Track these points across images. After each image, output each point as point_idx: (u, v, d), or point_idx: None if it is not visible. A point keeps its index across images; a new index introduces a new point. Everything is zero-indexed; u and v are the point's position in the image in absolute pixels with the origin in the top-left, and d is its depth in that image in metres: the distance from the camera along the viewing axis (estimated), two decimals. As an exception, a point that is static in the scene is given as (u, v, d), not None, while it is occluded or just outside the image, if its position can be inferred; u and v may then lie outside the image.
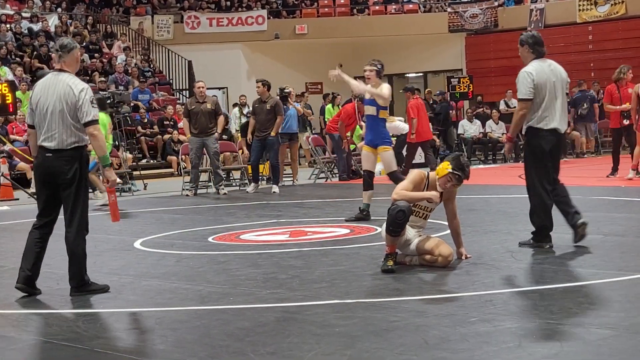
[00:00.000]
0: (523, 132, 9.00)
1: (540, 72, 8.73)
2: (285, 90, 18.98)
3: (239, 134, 22.29)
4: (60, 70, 7.47)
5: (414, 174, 7.91)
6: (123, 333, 5.97)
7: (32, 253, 7.45)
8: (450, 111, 27.14)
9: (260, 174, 18.22)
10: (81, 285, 7.41)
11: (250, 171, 18.36)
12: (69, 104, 7.28)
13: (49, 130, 7.33)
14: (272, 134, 17.25)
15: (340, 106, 24.00)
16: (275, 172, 17.59)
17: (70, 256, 7.40)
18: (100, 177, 14.61)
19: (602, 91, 26.15)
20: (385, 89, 11.38)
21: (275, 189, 17.28)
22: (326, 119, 24.76)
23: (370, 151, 11.65)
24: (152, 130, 25.02)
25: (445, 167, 7.78)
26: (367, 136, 11.80)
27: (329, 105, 25.75)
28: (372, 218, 11.35)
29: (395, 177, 11.33)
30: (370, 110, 11.68)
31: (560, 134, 8.85)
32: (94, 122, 7.32)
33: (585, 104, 25.33)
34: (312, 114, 25.89)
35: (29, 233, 7.54)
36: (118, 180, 7.67)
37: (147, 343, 5.65)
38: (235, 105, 26.83)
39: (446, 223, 8.33)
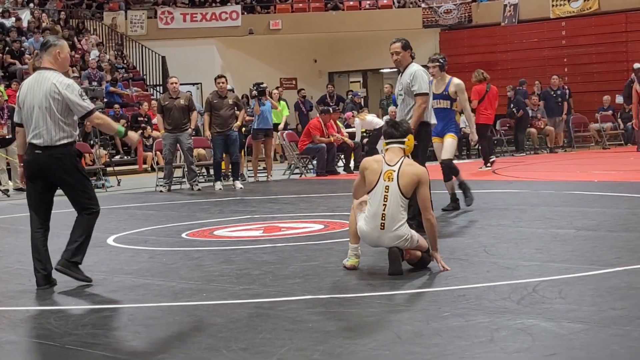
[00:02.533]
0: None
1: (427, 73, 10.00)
2: (262, 86, 18.98)
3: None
4: (43, 68, 7.56)
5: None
6: (95, 330, 5.94)
7: (40, 253, 7.55)
8: None
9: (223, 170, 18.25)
10: (74, 264, 7.53)
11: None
12: (57, 100, 7.37)
13: (36, 128, 7.41)
14: (238, 124, 17.39)
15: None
16: (235, 168, 17.64)
17: (81, 234, 7.54)
18: None
19: (566, 87, 26.31)
20: (458, 88, 11.70)
21: (238, 184, 17.35)
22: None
23: (440, 141, 11.80)
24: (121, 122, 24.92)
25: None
26: (437, 127, 11.75)
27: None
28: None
29: (448, 166, 11.70)
30: (443, 104, 11.80)
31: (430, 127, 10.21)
32: (92, 112, 7.50)
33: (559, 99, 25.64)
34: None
35: (31, 235, 7.64)
36: (136, 136, 8.07)
37: (119, 339, 5.63)
38: None
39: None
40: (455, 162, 12.10)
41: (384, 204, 7.34)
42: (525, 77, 27.82)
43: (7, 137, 18.08)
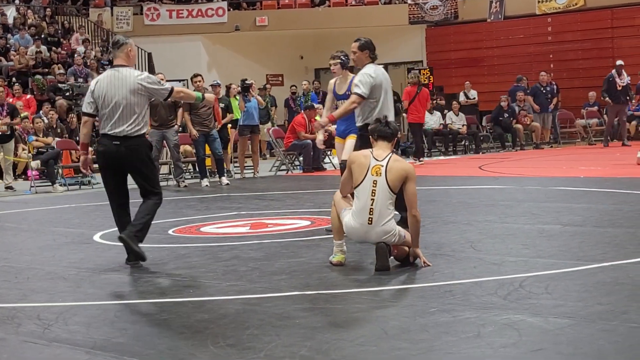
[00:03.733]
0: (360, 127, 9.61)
1: (378, 74, 9.48)
2: (247, 82, 18.98)
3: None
4: (118, 65, 8.33)
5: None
6: (82, 326, 5.92)
7: (124, 224, 8.31)
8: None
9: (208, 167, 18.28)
10: (137, 238, 8.15)
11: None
12: (140, 96, 8.18)
13: (118, 120, 8.14)
14: (219, 124, 17.45)
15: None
16: (220, 164, 17.66)
17: (147, 213, 8.26)
18: None
19: (554, 82, 26.42)
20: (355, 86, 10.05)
21: (225, 180, 17.38)
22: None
23: (342, 142, 11.24)
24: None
25: None
26: (340, 127, 10.86)
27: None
28: None
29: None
30: None
31: None
32: (172, 89, 8.43)
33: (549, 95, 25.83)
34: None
35: (112, 210, 8.47)
36: (212, 96, 9.65)
37: (106, 336, 5.62)
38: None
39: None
40: (443, 158, 12.05)
41: (372, 199, 7.35)
42: (512, 73, 27.88)
43: (7, 133, 18.13)
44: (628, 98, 24.07)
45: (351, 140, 10.71)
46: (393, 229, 7.40)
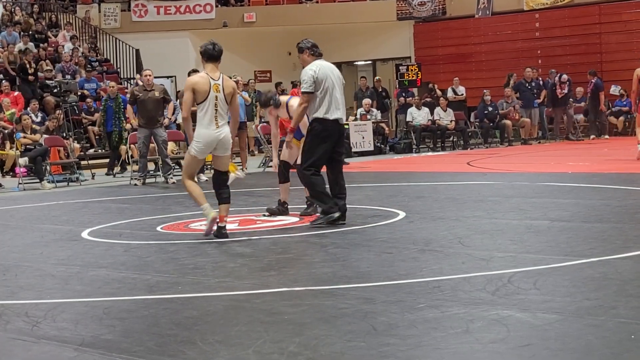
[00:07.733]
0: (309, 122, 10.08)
1: (322, 68, 9.99)
2: (233, 80, 18.96)
3: None
4: None
5: None
6: (70, 323, 5.91)
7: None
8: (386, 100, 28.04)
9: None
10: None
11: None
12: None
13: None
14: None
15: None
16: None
17: None
18: None
19: (540, 78, 26.61)
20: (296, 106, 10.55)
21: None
22: None
23: (299, 145, 11.05)
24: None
25: None
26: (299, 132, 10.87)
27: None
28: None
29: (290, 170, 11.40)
30: None
31: (340, 124, 10.02)
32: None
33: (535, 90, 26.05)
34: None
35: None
36: None
37: (94, 333, 5.61)
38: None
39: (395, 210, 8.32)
40: (431, 154, 12.06)
41: (215, 110, 9.27)
42: (499, 69, 27.95)
43: None
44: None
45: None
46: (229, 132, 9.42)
